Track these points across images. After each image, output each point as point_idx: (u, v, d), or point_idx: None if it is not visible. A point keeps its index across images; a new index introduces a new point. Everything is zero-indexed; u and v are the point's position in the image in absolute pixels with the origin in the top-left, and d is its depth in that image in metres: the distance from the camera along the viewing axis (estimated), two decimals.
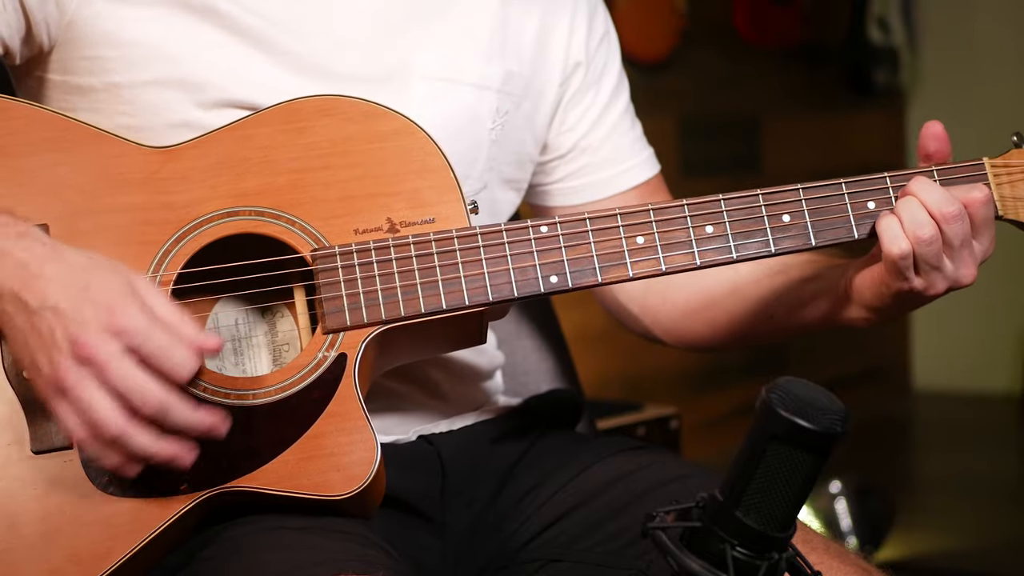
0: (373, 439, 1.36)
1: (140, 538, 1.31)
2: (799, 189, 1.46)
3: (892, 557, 3.73)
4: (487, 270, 1.41)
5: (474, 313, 1.41)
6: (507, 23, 1.62)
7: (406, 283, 1.39)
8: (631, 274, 1.43)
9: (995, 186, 1.47)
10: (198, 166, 1.39)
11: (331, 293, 1.38)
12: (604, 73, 1.74)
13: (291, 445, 1.35)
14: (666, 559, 1.04)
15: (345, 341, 1.38)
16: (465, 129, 1.57)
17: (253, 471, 1.34)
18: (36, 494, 1.31)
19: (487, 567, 1.57)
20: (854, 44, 5.68)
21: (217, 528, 1.37)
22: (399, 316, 1.39)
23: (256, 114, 1.42)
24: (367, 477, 1.35)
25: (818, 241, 1.45)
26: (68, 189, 1.36)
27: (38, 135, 1.37)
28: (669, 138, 4.90)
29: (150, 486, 1.32)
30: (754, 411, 1.02)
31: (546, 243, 1.42)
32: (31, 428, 1.32)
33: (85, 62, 1.46)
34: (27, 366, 1.27)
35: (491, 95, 1.59)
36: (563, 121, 1.71)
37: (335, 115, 1.42)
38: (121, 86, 1.46)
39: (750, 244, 1.44)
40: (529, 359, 2.04)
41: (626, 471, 1.56)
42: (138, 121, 1.45)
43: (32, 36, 1.44)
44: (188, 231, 1.38)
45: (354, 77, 1.50)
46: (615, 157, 1.73)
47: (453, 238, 1.41)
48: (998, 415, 5.69)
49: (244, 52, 1.47)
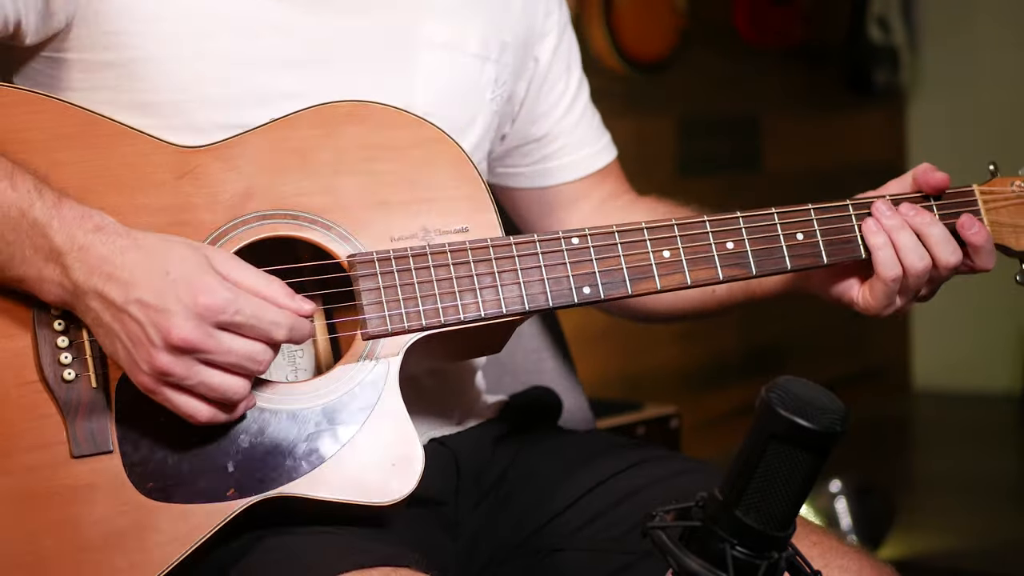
0: (417, 445, 1.36)
1: (190, 544, 1.29)
2: (810, 209, 1.50)
3: (892, 557, 3.73)
4: (522, 280, 1.42)
5: (506, 323, 1.42)
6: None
7: (444, 291, 1.39)
8: (659, 287, 1.45)
9: (984, 212, 1.54)
10: (230, 167, 1.37)
11: (371, 299, 1.37)
12: (572, 58, 1.77)
13: (335, 452, 1.34)
14: (666, 559, 1.04)
15: (385, 348, 1.38)
16: (467, 97, 1.58)
17: (298, 478, 1.33)
18: (83, 498, 1.28)
19: (489, 562, 1.58)
20: (854, 44, 5.67)
21: (249, 535, 1.35)
22: (439, 323, 1.39)
23: (288, 116, 1.40)
24: (413, 483, 1.34)
25: (829, 260, 1.50)
26: (97, 187, 1.33)
27: (64, 130, 1.34)
28: (669, 138, 4.90)
29: (195, 491, 1.30)
30: (754, 411, 1.02)
31: (578, 254, 1.44)
32: (71, 431, 1.29)
33: (106, 37, 1.41)
34: (123, 363, 1.26)
35: (490, 65, 1.61)
36: (541, 103, 1.72)
37: (368, 121, 1.42)
38: (143, 60, 1.41)
39: (767, 261, 1.48)
40: (529, 359, 2.04)
41: (623, 467, 1.58)
42: (161, 98, 1.42)
43: (51, 11, 1.40)
44: (223, 234, 1.36)
45: (360, 46, 1.49)
46: (586, 139, 1.77)
47: (488, 247, 1.41)
48: (998, 415, 5.69)
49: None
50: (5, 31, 1.39)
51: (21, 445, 1.28)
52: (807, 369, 5.31)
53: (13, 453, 1.28)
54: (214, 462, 1.32)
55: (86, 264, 1.24)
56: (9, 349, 1.30)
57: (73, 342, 1.30)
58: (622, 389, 4.57)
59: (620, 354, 4.58)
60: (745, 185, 5.15)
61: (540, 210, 1.78)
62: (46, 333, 1.29)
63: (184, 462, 1.31)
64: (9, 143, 1.31)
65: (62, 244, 1.24)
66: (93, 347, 1.31)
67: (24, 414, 1.29)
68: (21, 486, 1.27)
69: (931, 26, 5.95)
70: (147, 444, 1.31)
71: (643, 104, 4.71)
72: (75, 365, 1.30)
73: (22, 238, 1.25)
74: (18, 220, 1.25)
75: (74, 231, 1.25)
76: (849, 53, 5.69)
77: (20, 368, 1.29)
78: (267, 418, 1.33)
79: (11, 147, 1.31)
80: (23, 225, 1.25)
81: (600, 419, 2.51)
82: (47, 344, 1.29)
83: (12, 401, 1.29)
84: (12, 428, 1.28)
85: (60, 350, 1.30)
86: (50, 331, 1.30)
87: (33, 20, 1.40)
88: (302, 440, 1.34)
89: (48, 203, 1.25)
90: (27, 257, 1.25)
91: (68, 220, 1.25)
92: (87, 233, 1.25)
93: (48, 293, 1.27)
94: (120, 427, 1.30)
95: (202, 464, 1.31)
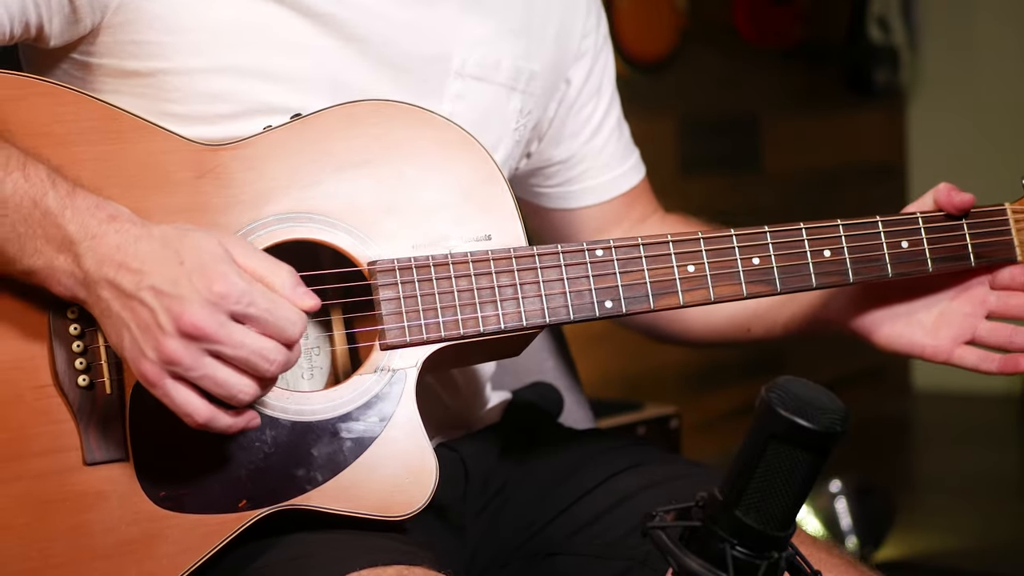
0: (432, 457, 1.34)
1: (200, 554, 1.28)
2: (839, 225, 1.47)
3: (892, 557, 3.74)
4: (544, 292, 1.39)
5: (526, 333, 1.40)
6: (532, 23, 1.62)
7: (465, 302, 1.37)
8: (682, 302, 1.43)
9: (1016, 231, 1.51)
10: (250, 167, 1.34)
11: (391, 309, 1.35)
12: (605, 77, 1.75)
13: (351, 463, 1.32)
14: (666, 559, 1.04)
15: (403, 358, 1.35)
16: (490, 127, 1.56)
17: (312, 489, 1.31)
18: (94, 506, 1.27)
19: (491, 565, 1.58)
20: (854, 44, 5.68)
21: (264, 541, 1.34)
22: (459, 335, 1.36)
23: (310, 116, 1.37)
24: (427, 497, 1.33)
25: (855, 279, 1.47)
26: (116, 184, 1.31)
27: (87, 124, 1.32)
28: (669, 138, 4.90)
29: (207, 501, 1.29)
30: (754, 410, 1.02)
31: (601, 267, 1.41)
32: (84, 438, 1.28)
33: (134, 46, 1.40)
34: (128, 352, 1.22)
35: (517, 95, 1.59)
36: (568, 125, 1.71)
37: (393, 122, 1.39)
38: (171, 72, 1.40)
39: (793, 278, 1.45)
40: (530, 359, 2.04)
41: (622, 468, 1.57)
42: (187, 109, 1.40)
43: (78, 17, 1.38)
44: (242, 236, 1.33)
45: (396, 67, 1.47)
46: (612, 163, 1.75)
47: (511, 257, 1.39)
48: (998, 415, 5.69)
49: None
50: (27, 33, 1.39)
51: (33, 450, 1.27)
52: (807, 369, 5.30)
53: (25, 457, 1.27)
54: (227, 472, 1.30)
55: (98, 253, 1.22)
56: (24, 353, 1.28)
57: (88, 347, 1.29)
58: (622, 389, 4.57)
59: (620, 354, 4.58)
60: (745, 184, 5.15)
61: (566, 232, 1.76)
62: (62, 338, 1.28)
63: (197, 471, 1.30)
64: (32, 135, 1.29)
65: (75, 233, 1.23)
66: (109, 353, 1.29)
67: (37, 418, 1.27)
68: (32, 491, 1.26)
69: (931, 26, 5.95)
70: (160, 453, 1.29)
71: (643, 104, 4.70)
72: (90, 371, 1.29)
73: (34, 228, 1.23)
74: (30, 210, 1.23)
75: (87, 220, 1.23)
76: (849, 53, 5.70)
77: (35, 372, 1.28)
78: (281, 428, 1.32)
79: (35, 140, 1.29)
80: (35, 215, 1.23)
81: (600, 419, 2.51)
82: (62, 349, 1.28)
83: (26, 405, 1.27)
84: (25, 432, 1.27)
85: (75, 355, 1.28)
86: (65, 336, 1.28)
87: (57, 24, 1.38)
88: (317, 451, 1.32)
89: (62, 193, 1.24)
90: (38, 248, 1.23)
91: (81, 209, 1.23)
92: (100, 223, 1.23)
93: (58, 284, 1.24)
94: (134, 435, 1.29)
95: (215, 474, 1.30)
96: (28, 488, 1.26)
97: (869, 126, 5.92)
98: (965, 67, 5.91)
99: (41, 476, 1.27)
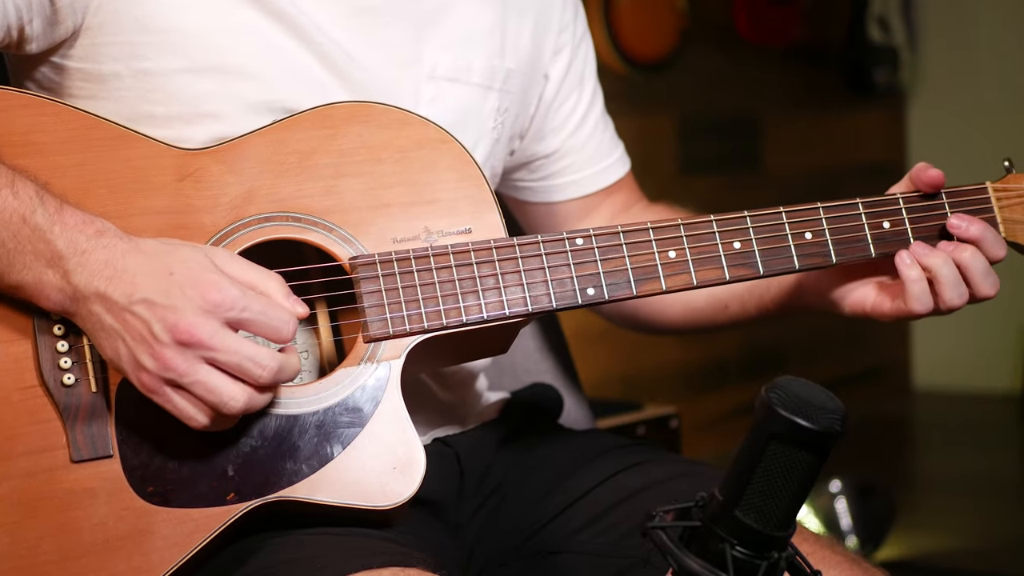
0: (419, 448, 1.35)
1: (189, 548, 1.29)
2: (819, 207, 1.49)
3: (892, 556, 3.74)
4: (525, 281, 1.41)
5: (509, 324, 1.41)
6: (506, 22, 1.62)
7: (446, 292, 1.38)
8: (664, 288, 1.44)
9: (998, 209, 1.52)
10: (231, 170, 1.37)
11: (373, 302, 1.37)
12: (587, 70, 1.76)
13: (337, 455, 1.33)
14: (666, 559, 1.04)
15: (387, 350, 1.37)
16: (467, 127, 1.57)
17: (299, 481, 1.32)
18: (82, 503, 1.28)
19: (487, 565, 1.58)
20: (854, 44, 5.68)
21: (256, 537, 1.35)
22: (441, 325, 1.38)
23: (288, 118, 1.40)
24: (414, 486, 1.34)
25: (838, 259, 1.49)
26: (98, 190, 1.33)
27: (68, 133, 1.34)
28: (669, 137, 4.90)
29: (195, 495, 1.30)
30: (754, 410, 1.02)
31: (582, 255, 1.42)
32: (70, 436, 1.29)
33: (114, 48, 1.41)
34: (124, 363, 1.24)
35: (494, 94, 1.60)
36: (550, 120, 1.72)
37: (369, 122, 1.41)
38: (151, 73, 1.42)
39: (775, 260, 1.47)
40: (529, 359, 2.04)
41: (622, 468, 1.58)
42: (168, 110, 1.42)
43: (59, 19, 1.40)
44: (224, 236, 1.35)
45: (370, 72, 1.49)
46: (596, 156, 1.76)
47: (492, 248, 1.40)
48: (998, 415, 5.69)
49: (293, 46, 1.45)
50: (9, 37, 1.39)
51: (20, 449, 1.28)
52: (807, 369, 5.31)
53: (12, 457, 1.28)
54: (214, 466, 1.31)
55: (87, 268, 1.24)
56: (9, 354, 1.29)
57: (73, 347, 1.30)
58: (622, 389, 4.58)
59: (620, 354, 4.58)
60: (745, 184, 5.15)
61: (549, 224, 1.77)
62: (46, 338, 1.29)
63: (184, 466, 1.31)
64: (14, 146, 1.31)
65: (63, 249, 1.24)
66: (93, 352, 1.30)
67: (24, 418, 1.28)
68: (20, 490, 1.27)
69: (931, 26, 5.96)
70: (147, 448, 1.30)
71: (643, 104, 4.71)
72: (75, 370, 1.30)
73: (23, 244, 1.24)
74: (19, 227, 1.24)
75: (76, 236, 1.25)
76: (849, 53, 5.70)
77: (20, 373, 1.29)
78: (268, 421, 1.33)
79: (16, 150, 1.31)
80: (24, 231, 1.24)
81: (600, 419, 2.51)
82: (47, 349, 1.29)
83: (12, 406, 1.28)
84: (11, 432, 1.28)
85: (60, 355, 1.30)
86: (50, 336, 1.29)
87: (38, 26, 1.39)
88: (303, 444, 1.33)
89: (50, 209, 1.25)
90: (27, 263, 1.25)
91: (70, 226, 1.25)
92: (89, 238, 1.25)
93: (47, 299, 1.26)
94: (120, 431, 1.30)
95: (202, 468, 1.31)
96: (16, 487, 1.27)
97: (869, 126, 5.92)
98: (965, 67, 5.91)
99: (29, 475, 1.28)
